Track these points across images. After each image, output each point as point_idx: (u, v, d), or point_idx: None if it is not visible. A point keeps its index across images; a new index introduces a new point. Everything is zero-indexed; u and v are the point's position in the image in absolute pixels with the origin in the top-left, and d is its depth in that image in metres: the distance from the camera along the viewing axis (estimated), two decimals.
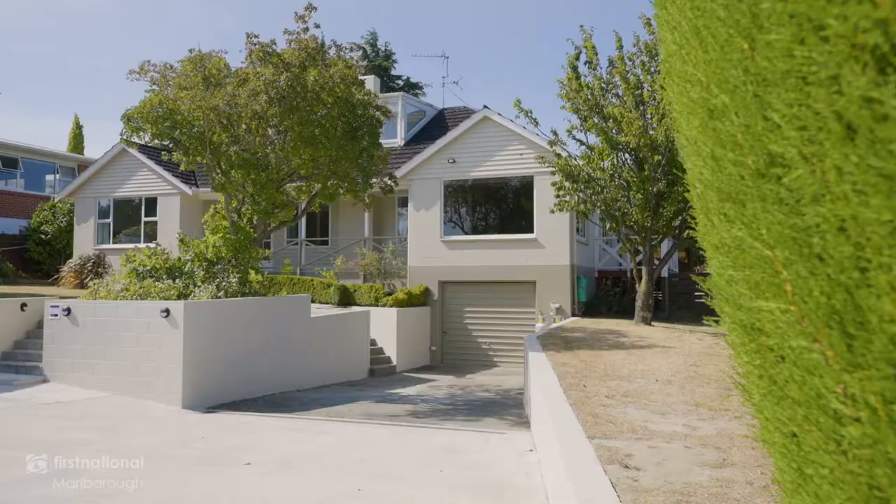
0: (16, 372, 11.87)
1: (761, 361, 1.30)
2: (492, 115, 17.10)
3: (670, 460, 4.38)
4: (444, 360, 17.33)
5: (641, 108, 13.43)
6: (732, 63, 1.13)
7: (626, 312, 16.24)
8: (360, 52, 31.20)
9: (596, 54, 13.40)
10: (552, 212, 14.83)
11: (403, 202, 19.53)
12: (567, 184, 14.14)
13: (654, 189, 13.26)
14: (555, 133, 14.02)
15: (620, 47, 13.29)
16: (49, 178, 26.85)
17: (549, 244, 16.55)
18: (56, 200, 22.69)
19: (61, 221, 22.36)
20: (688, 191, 1.73)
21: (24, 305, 12.94)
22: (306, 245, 19.83)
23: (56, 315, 11.58)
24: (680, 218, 14.01)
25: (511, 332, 16.92)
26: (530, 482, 6.21)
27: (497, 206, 18.12)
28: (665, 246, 16.78)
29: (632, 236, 14.62)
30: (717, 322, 1.65)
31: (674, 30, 1.51)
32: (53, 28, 56.53)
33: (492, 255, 17.09)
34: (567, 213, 15.35)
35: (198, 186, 20.15)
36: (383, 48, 34.20)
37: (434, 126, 21.29)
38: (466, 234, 17.87)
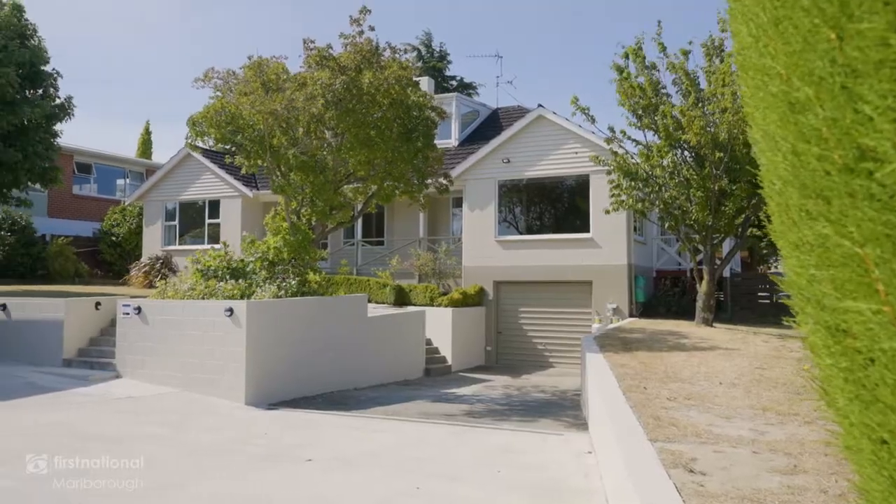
0: (91, 368, 12.47)
1: (848, 364, 1.25)
2: (546, 114, 16.96)
3: (737, 465, 4.25)
4: (499, 361, 17.28)
5: (701, 105, 13.08)
6: (818, 54, 1.09)
7: (685, 313, 15.83)
8: (415, 54, 31.47)
9: (643, 59, 13.17)
10: (608, 211, 14.59)
11: (457, 202, 19.58)
12: (624, 182, 13.89)
13: (716, 187, 12.88)
14: (612, 130, 13.79)
15: (663, 50, 13.02)
16: (119, 182, 28.11)
17: (606, 243, 16.29)
18: (126, 204, 23.71)
19: (131, 224, 23.36)
20: (754, 188, 1.68)
21: (98, 304, 13.57)
22: (362, 245, 20.10)
23: (128, 314, 12.10)
24: (743, 216, 13.58)
25: (567, 333, 16.73)
26: (589, 484, 6.13)
27: (551, 206, 17.95)
28: (727, 245, 16.29)
29: (692, 235, 14.24)
30: (795, 323, 1.59)
31: (749, 21, 1.46)
32: (129, 39, 59.12)
33: (547, 254, 16.95)
34: (624, 212, 15.08)
35: (258, 189, 20.70)
36: (438, 49, 34.36)
37: (488, 126, 21.26)
38: (521, 233, 17.77)
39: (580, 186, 16.90)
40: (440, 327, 15.97)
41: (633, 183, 13.68)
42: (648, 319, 15.51)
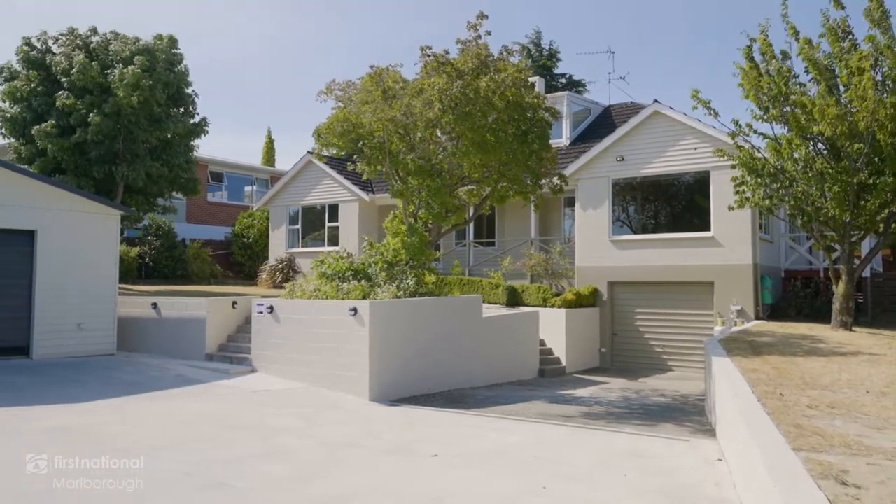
0: (230, 362, 13.50)
1: None
2: (663, 110, 16.44)
3: None
4: (615, 363, 16.95)
5: (836, 93, 12.20)
6: None
7: (819, 316, 14.82)
8: (524, 54, 31.40)
9: (770, 46, 12.41)
10: (731, 208, 13.94)
11: (569, 202, 19.38)
12: (749, 178, 13.22)
13: (855, 180, 11.98)
14: (736, 124, 13.15)
15: (795, 34, 12.20)
16: (247, 188, 30.16)
17: (728, 242, 15.56)
18: (254, 209, 25.40)
19: (259, 227, 25.01)
20: None
21: (234, 304, 14.67)
22: (474, 246, 20.35)
23: (261, 312, 13.00)
24: (887, 211, 12.53)
25: (686, 335, 16.14)
26: (722, 493, 5.94)
27: (668, 204, 17.36)
28: (867, 243, 15.08)
29: (827, 233, 13.33)
30: None
31: None
32: (251, 52, 63.13)
33: (664, 254, 16.43)
34: (749, 210, 14.34)
35: (374, 193, 21.50)
36: (547, 48, 34.10)
37: (600, 124, 20.88)
38: (636, 232, 17.33)
39: (699, 183, 16.25)
40: (553, 328, 15.89)
41: (759, 179, 12.99)
42: (777, 322, 14.66)
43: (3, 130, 18.68)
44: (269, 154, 34.87)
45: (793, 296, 16.21)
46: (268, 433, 8.54)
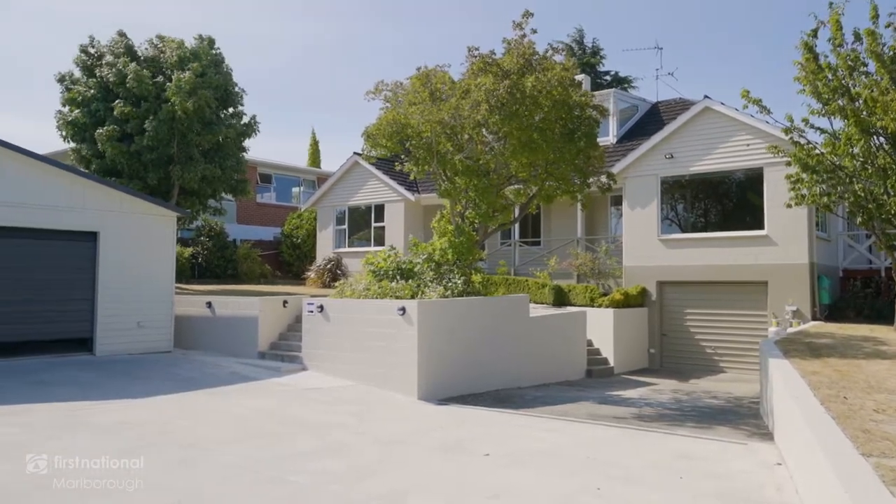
0: (281, 360, 13.79)
1: None
2: (713, 105, 16.09)
3: None
4: (664, 364, 16.68)
5: None
6: None
7: (881, 317, 14.29)
8: (568, 52, 31.11)
9: (840, 29, 11.94)
10: (788, 206, 13.55)
11: (615, 200, 19.14)
12: (805, 175, 12.84)
13: None
14: (790, 120, 12.78)
15: (875, 17, 11.71)
16: (294, 190, 30.74)
17: (783, 241, 15.14)
18: (302, 210, 25.86)
19: (307, 228, 25.47)
20: None
21: (285, 302, 15.00)
22: (519, 246, 20.29)
23: (312, 311, 13.25)
24: None
25: (739, 336, 15.77)
26: (783, 498, 5.82)
27: (718, 202, 16.98)
28: None
29: (889, 230, 12.85)
30: None
31: None
32: (296, 56, 64.25)
33: (715, 253, 16.08)
34: (804, 207, 13.92)
35: (419, 193, 21.64)
36: (590, 45, 33.76)
37: (647, 121, 20.56)
38: (685, 231, 17.01)
39: (751, 180, 15.85)
40: (601, 328, 15.74)
41: (816, 175, 12.60)
42: (836, 323, 14.20)
43: (65, 134, 19.49)
44: (315, 156, 35.45)
45: (852, 296, 15.68)
46: (321, 430, 8.71)
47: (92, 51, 19.93)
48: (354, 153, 22.68)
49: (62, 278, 13.68)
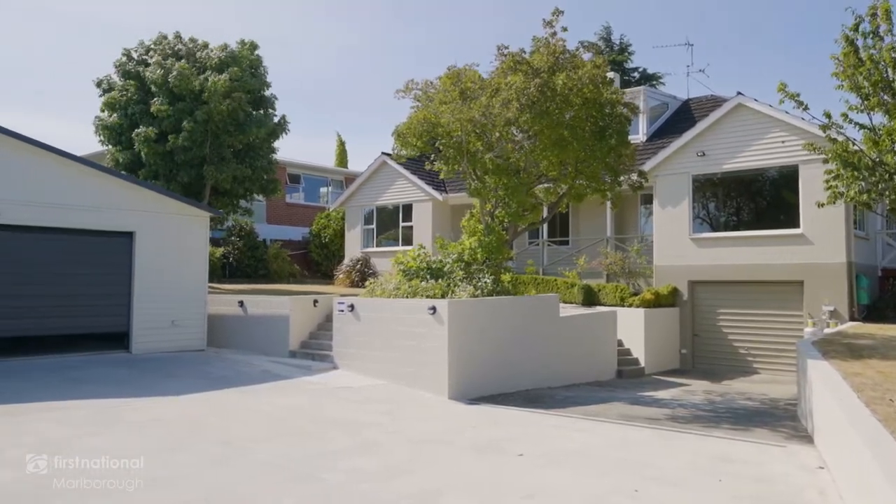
0: (312, 359, 13.90)
1: None
2: (747, 102, 15.80)
3: None
4: (696, 365, 16.44)
5: None
6: None
7: None
8: (595, 49, 30.84)
9: (889, 19, 11.60)
10: (821, 205, 13.22)
11: (645, 199, 18.92)
12: (844, 172, 12.51)
13: None
14: (828, 116, 12.47)
15: None
16: (322, 190, 30.99)
17: (819, 239, 14.82)
18: (330, 210, 26.06)
19: (335, 227, 25.65)
20: None
21: (315, 302, 15.11)
22: (548, 245, 20.17)
23: (342, 311, 13.33)
24: None
25: (773, 337, 15.48)
26: (826, 502, 5.69)
27: (751, 200, 16.69)
28: None
29: None
30: None
31: None
32: (325, 57, 64.76)
33: (748, 252, 15.80)
34: (842, 205, 13.59)
35: (447, 192, 21.64)
36: (618, 42, 33.43)
37: (678, 118, 20.28)
38: (717, 230, 16.74)
39: (785, 178, 15.54)
40: (632, 328, 15.57)
41: (855, 172, 12.27)
42: (875, 324, 13.85)
43: (102, 137, 19.95)
44: (342, 156, 35.67)
45: (891, 296, 15.30)
46: (353, 428, 8.75)
47: (135, 55, 20.37)
48: (382, 153, 22.77)
49: (101, 277, 13.97)
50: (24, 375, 11.56)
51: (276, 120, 21.26)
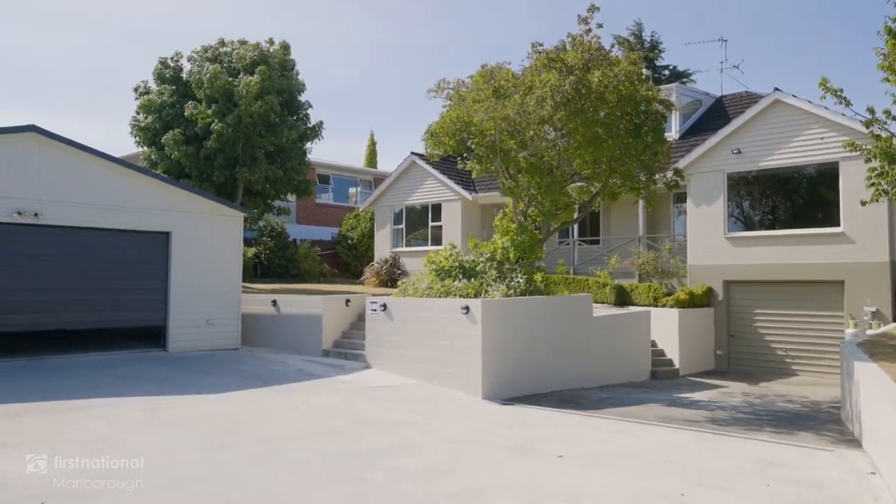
0: (345, 358, 13.96)
1: None
2: (784, 98, 15.47)
3: None
4: (732, 366, 16.15)
5: None
6: None
7: None
8: (626, 46, 30.52)
9: None
10: (864, 203, 12.87)
11: (678, 198, 18.63)
12: (889, 169, 12.17)
13: None
14: (871, 112, 12.14)
15: None
16: (351, 190, 31.16)
17: (861, 238, 14.45)
18: (360, 210, 26.18)
19: (364, 228, 25.76)
20: None
21: (347, 301, 15.17)
22: (578, 245, 20.00)
23: (374, 310, 13.35)
24: None
25: (812, 338, 15.13)
26: None
27: (788, 198, 16.33)
28: None
29: None
30: None
31: None
32: (352, 58, 65.13)
33: (785, 251, 15.47)
34: (885, 203, 13.23)
35: (476, 192, 21.58)
36: (649, 39, 33.03)
37: (711, 116, 19.96)
38: (753, 229, 16.43)
39: (824, 175, 15.18)
40: (665, 329, 15.35)
41: None
42: None
43: (138, 139, 20.35)
44: (372, 156, 35.83)
45: None
46: (390, 427, 8.75)
47: (171, 62, 20.77)
48: (412, 153, 22.79)
49: (138, 276, 14.20)
50: (70, 373, 11.83)
51: (309, 125, 21.46)
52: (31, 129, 12.84)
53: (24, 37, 59.26)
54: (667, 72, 33.11)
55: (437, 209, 22.47)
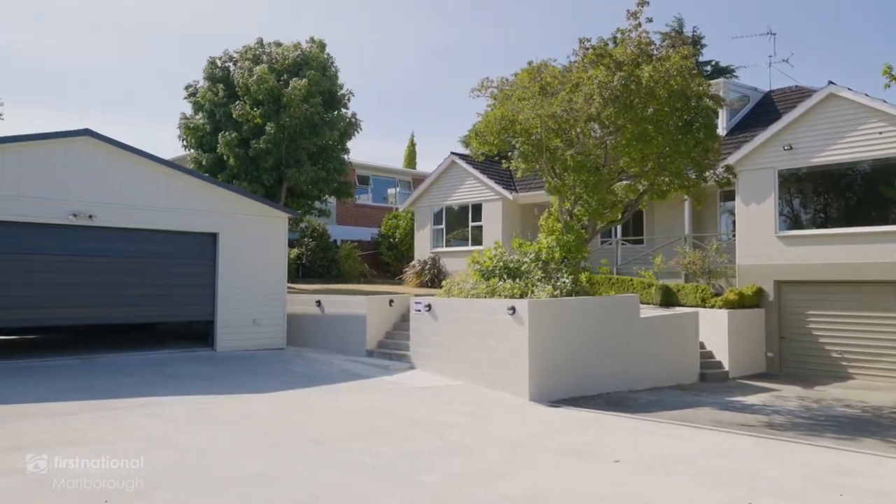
0: (389, 359, 13.96)
1: None
2: (839, 92, 14.94)
3: None
4: (783, 368, 15.67)
5: None
6: None
7: None
8: (668, 42, 29.95)
9: None
10: None
11: (725, 196, 18.18)
12: None
13: None
14: None
15: None
16: (390, 191, 31.28)
17: None
18: (400, 210, 26.24)
19: (404, 228, 25.82)
20: None
21: (391, 301, 15.17)
22: (622, 244, 19.68)
23: (419, 311, 13.31)
24: None
25: (870, 340, 14.57)
26: None
27: (842, 196, 15.77)
28: None
29: None
30: None
31: None
32: (391, 59, 65.49)
33: (840, 251, 14.93)
34: None
35: (517, 191, 21.41)
36: (690, 34, 32.37)
37: (760, 111, 19.43)
38: (805, 227, 15.91)
39: (882, 172, 14.61)
40: (714, 330, 14.97)
41: None
42: None
43: (186, 139, 20.73)
44: (411, 157, 35.90)
45: None
46: (438, 429, 8.68)
47: (219, 63, 21.11)
48: (452, 153, 22.73)
49: (187, 276, 14.47)
50: (124, 371, 12.10)
51: (347, 119, 21.51)
52: (86, 132, 13.15)
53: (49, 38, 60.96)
54: (709, 67, 32.40)
55: (477, 209, 22.37)
